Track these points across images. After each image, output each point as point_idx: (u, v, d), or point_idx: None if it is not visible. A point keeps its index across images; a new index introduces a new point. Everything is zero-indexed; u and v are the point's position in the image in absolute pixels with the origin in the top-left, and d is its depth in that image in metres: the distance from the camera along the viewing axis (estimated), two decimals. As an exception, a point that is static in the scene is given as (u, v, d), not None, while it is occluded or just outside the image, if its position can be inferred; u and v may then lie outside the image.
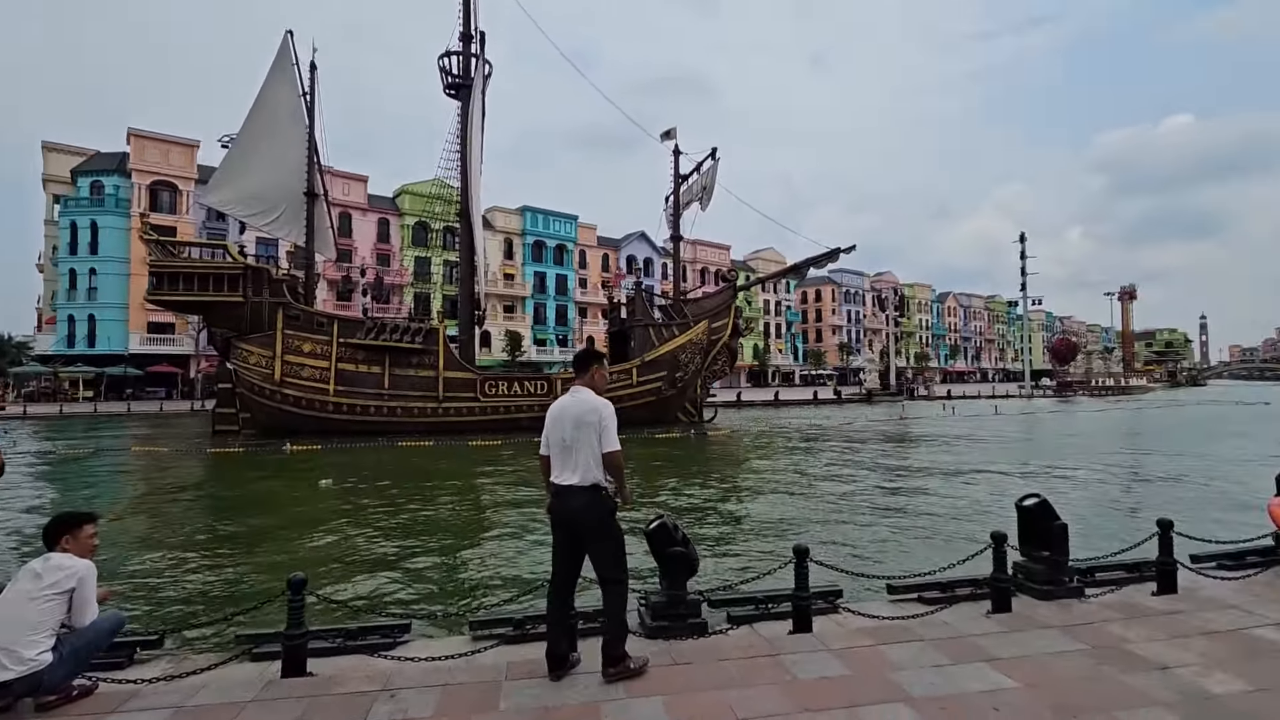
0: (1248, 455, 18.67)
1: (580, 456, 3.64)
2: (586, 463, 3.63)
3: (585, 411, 3.69)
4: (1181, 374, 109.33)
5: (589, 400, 3.76)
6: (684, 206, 30.99)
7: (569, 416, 3.71)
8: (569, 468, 3.67)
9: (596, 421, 3.66)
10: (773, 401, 47.37)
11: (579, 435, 3.65)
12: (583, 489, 3.63)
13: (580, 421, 3.67)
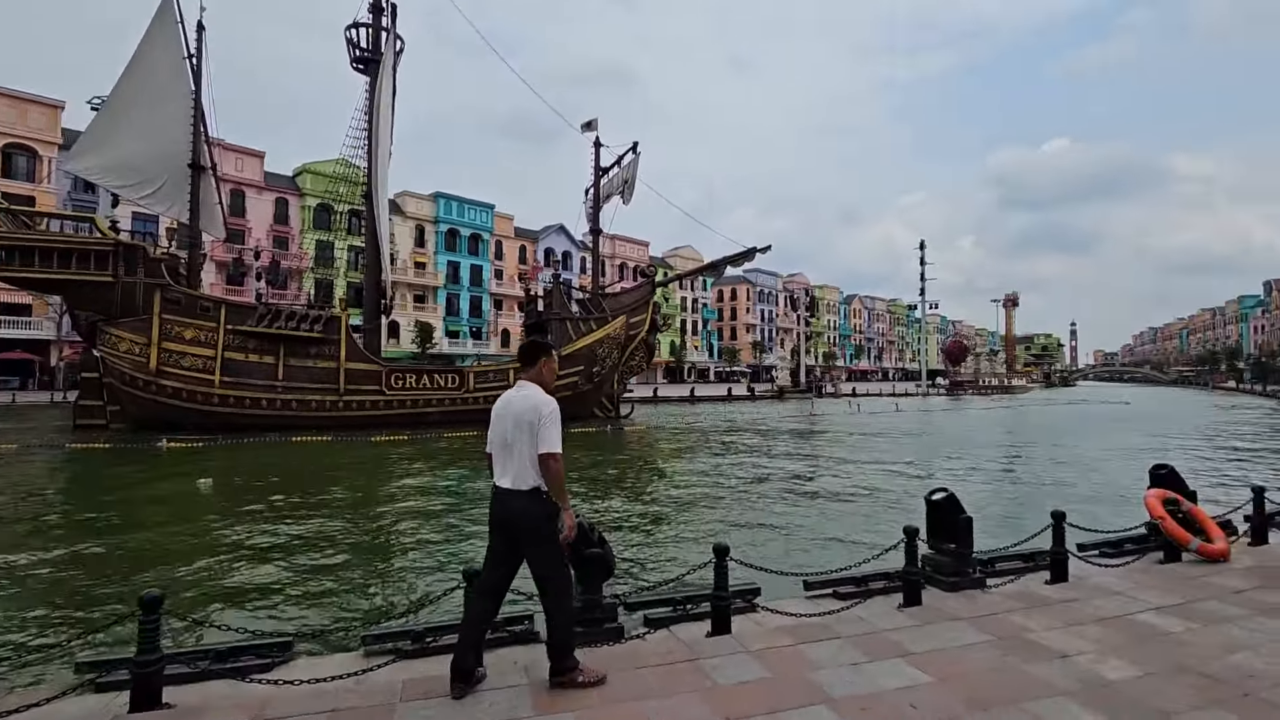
0: (1115, 450, 20.54)
1: (519, 458, 3.37)
2: (524, 465, 3.36)
3: (526, 410, 3.39)
4: (1055, 375, 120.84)
5: (531, 397, 3.45)
6: (604, 200, 30.72)
7: (510, 414, 3.43)
8: (508, 469, 3.41)
9: (535, 420, 3.34)
10: (688, 398, 48.01)
11: (518, 435, 3.37)
12: (520, 493, 3.37)
13: (519, 420, 3.38)
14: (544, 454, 3.32)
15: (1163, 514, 6.05)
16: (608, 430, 25.09)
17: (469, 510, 10.80)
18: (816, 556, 8.05)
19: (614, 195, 30.94)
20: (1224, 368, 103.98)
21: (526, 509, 3.37)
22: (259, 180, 50.79)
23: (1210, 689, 3.47)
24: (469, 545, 8.49)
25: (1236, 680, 3.57)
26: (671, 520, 10.28)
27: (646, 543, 8.77)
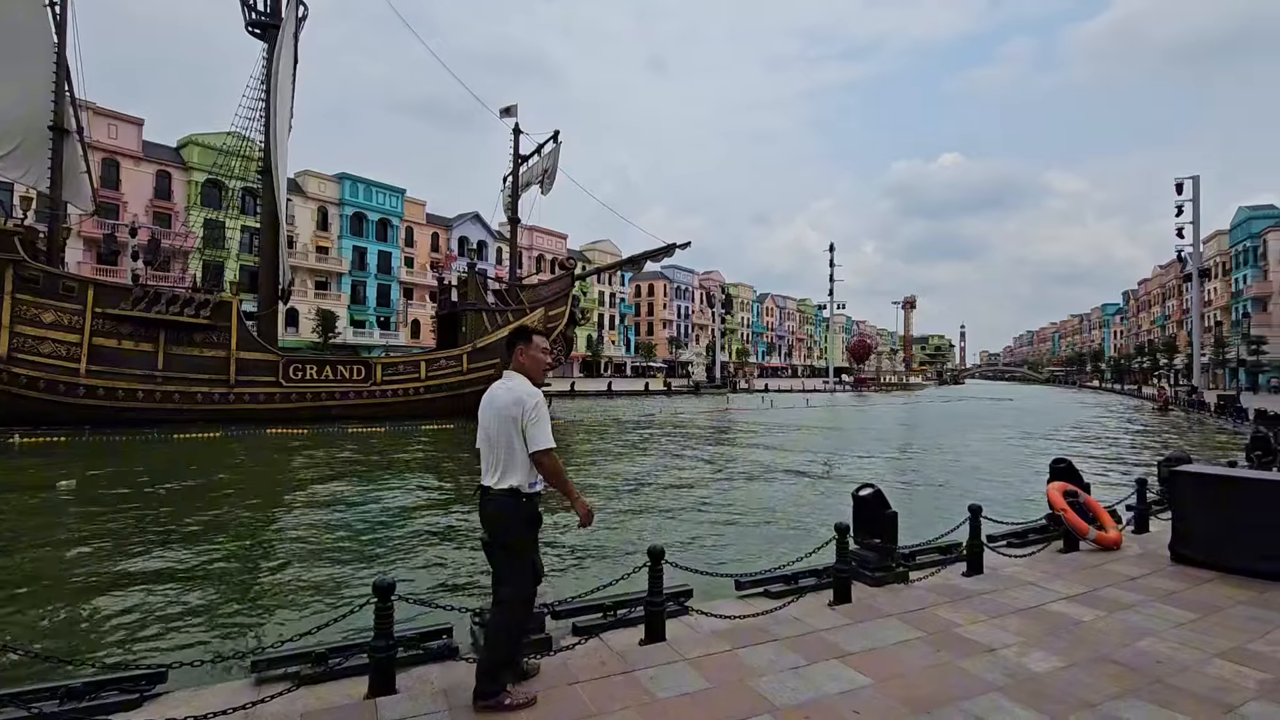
0: (1006, 443, 22.08)
1: (499, 455, 3.12)
2: (505, 462, 3.10)
3: (508, 404, 3.11)
4: (946, 374, 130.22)
5: (515, 390, 3.16)
6: (523, 189, 29.92)
7: (493, 408, 3.16)
8: (490, 467, 3.17)
9: (519, 415, 3.07)
10: (606, 392, 47.82)
11: (500, 431, 3.11)
12: (496, 492, 3.12)
13: (501, 415, 3.11)
14: (536, 452, 3.07)
15: (1064, 506, 6.39)
16: (525, 425, 24.51)
17: (375, 514, 10.12)
18: (741, 553, 8.04)
19: (533, 184, 30.19)
20: (1089, 368, 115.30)
21: (498, 510, 3.14)
22: (136, 150, 46.03)
23: (1125, 677, 3.60)
24: (375, 553, 7.90)
25: (1147, 668, 3.73)
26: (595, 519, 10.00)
27: (570, 545, 8.47)
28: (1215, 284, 70.17)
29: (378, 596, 3.41)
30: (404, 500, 11.11)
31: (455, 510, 10.31)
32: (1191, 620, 4.46)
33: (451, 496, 11.49)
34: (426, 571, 7.21)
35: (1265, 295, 60.72)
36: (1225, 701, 3.34)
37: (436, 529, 9.07)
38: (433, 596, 5.92)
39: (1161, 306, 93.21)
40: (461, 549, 8.08)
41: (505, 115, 29.31)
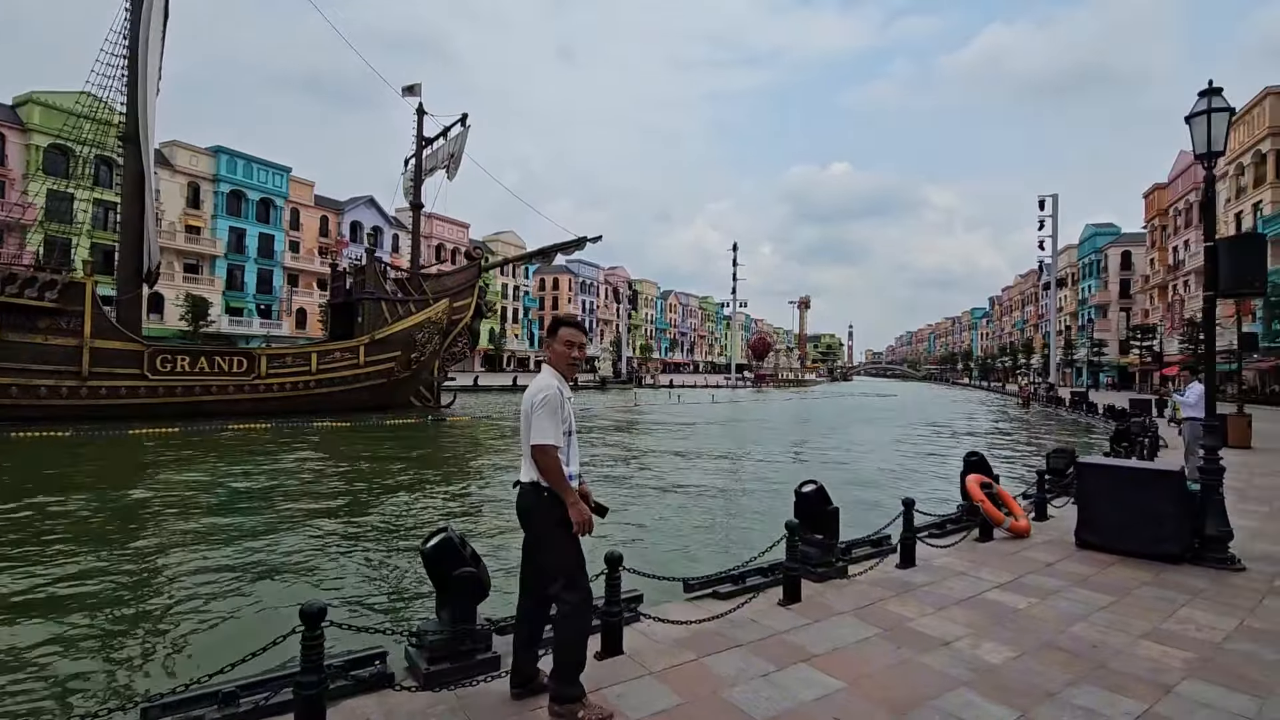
0: (896, 436, 23.45)
1: (524, 448, 3.04)
2: (526, 455, 3.02)
3: (528, 395, 3.04)
4: (837, 371, 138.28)
5: (537, 383, 3.07)
6: (427, 173, 28.45)
7: (525, 401, 3.06)
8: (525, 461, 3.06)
9: (530, 408, 3.00)
10: (512, 386, 46.65)
11: (523, 423, 3.05)
12: (524, 486, 3.07)
13: (523, 407, 3.06)
14: (532, 446, 2.94)
15: (982, 497, 6.71)
16: (428, 421, 23.31)
17: (263, 522, 9.13)
18: (668, 550, 7.90)
19: (438, 169, 28.75)
20: (960, 366, 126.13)
21: (523, 504, 3.09)
22: (-41, 105, 39.71)
23: (1072, 664, 3.72)
24: (271, 568, 7.08)
25: (1087, 653, 3.89)
26: (512, 521, 9.54)
27: (491, 552, 7.99)
28: (1065, 293, 78.42)
29: (305, 624, 2.92)
30: (298, 505, 10.12)
31: (355, 516, 9.51)
32: (1110, 603, 4.75)
33: (350, 501, 10.61)
34: (336, 587, 6.52)
35: (1105, 303, 68.64)
36: (1162, 682, 3.52)
37: (339, 537, 8.29)
38: (352, 617, 5.34)
39: (1021, 311, 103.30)
40: (371, 560, 7.41)
41: (408, 94, 27.71)
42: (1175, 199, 54.64)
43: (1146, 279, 61.88)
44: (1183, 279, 52.68)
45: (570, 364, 3.18)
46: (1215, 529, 5.66)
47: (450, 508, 10.18)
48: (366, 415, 23.16)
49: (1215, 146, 5.71)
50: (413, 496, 10.84)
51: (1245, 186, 43.38)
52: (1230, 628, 4.30)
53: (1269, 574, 5.49)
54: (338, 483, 11.90)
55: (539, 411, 2.93)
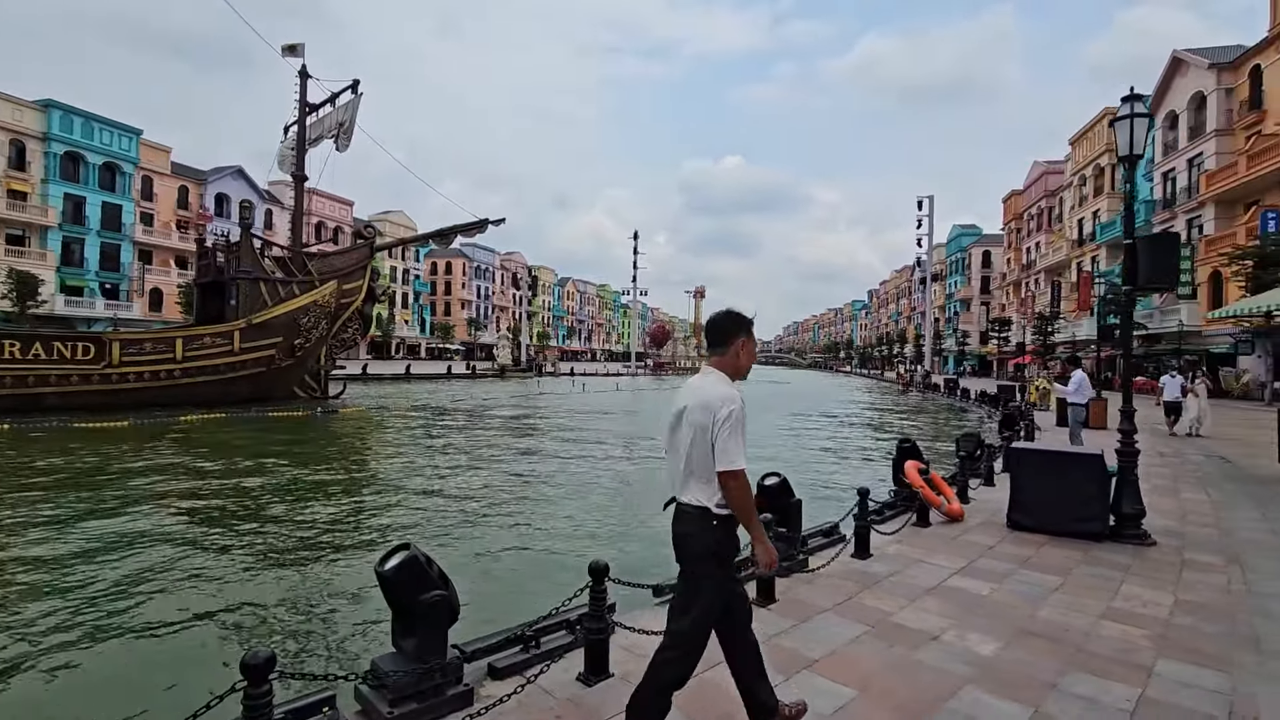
0: (799, 424, 24.34)
1: (690, 465, 2.52)
2: (696, 475, 2.51)
3: (698, 406, 2.51)
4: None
5: (712, 390, 2.53)
6: (311, 142, 26.04)
7: (684, 408, 2.58)
8: (679, 479, 2.58)
9: (709, 424, 2.45)
10: (404, 375, 44.19)
11: (687, 438, 2.52)
12: (687, 511, 2.54)
13: (691, 419, 2.52)
14: (721, 472, 2.43)
15: (921, 483, 6.88)
16: (316, 414, 21.43)
17: (142, 537, 7.88)
18: (611, 549, 7.56)
19: (324, 139, 26.38)
20: (842, 355, 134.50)
21: (691, 533, 2.53)
22: None
23: (1054, 651, 3.77)
24: (150, 597, 6.04)
25: (1061, 637, 3.97)
26: (437, 524, 8.83)
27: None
28: (935, 287, 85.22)
29: (248, 678, 2.33)
30: (178, 515, 8.83)
31: (248, 526, 8.43)
32: (1059, 584, 4.94)
33: (241, 509, 9.41)
34: (243, 620, 5.64)
35: (969, 298, 75.31)
36: (1139, 663, 3.63)
37: (238, 553, 7.27)
38: (282, 658, 4.59)
39: (896, 304, 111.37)
40: (284, 581, 6.52)
41: (289, 54, 25.14)
42: (1029, 205, 60.67)
43: (1004, 276, 68.48)
44: (1034, 277, 58.71)
45: (743, 372, 2.71)
46: (1130, 507, 6.09)
47: (369, 516, 9.26)
48: (244, 408, 20.95)
49: (1137, 149, 6.08)
50: (318, 502, 9.78)
51: (1086, 196, 48.84)
52: (1169, 603, 4.57)
53: (1175, 547, 5.97)
54: (223, 487, 10.54)
55: (725, 428, 2.41)
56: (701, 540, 2.51)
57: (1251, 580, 5.03)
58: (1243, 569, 5.32)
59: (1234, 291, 28.82)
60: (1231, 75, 33.23)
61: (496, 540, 7.87)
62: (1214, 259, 31.46)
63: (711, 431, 2.44)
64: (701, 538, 2.51)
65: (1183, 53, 35.84)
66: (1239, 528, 6.66)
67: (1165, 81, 37.54)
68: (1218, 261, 30.63)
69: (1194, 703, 3.19)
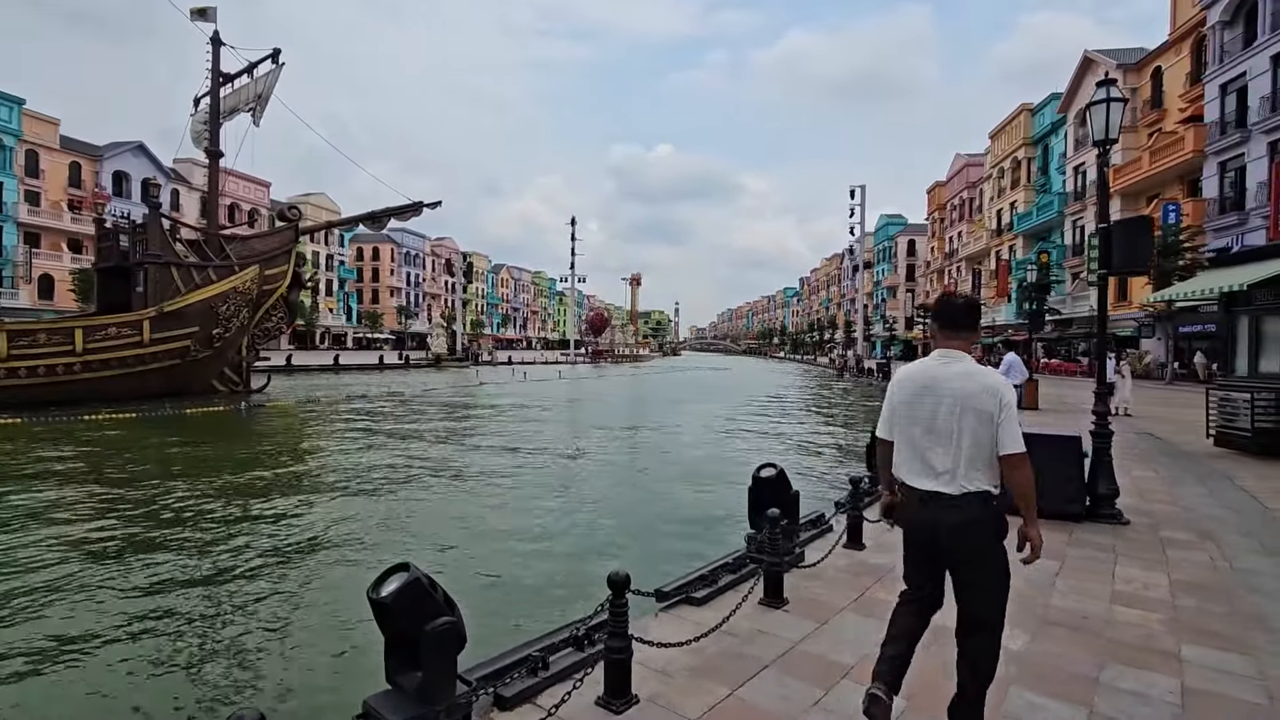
0: (750, 410, 24.51)
1: (961, 451, 2.44)
2: (970, 461, 2.43)
3: (978, 391, 2.45)
4: (667, 346, 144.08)
5: (981, 376, 2.49)
6: (226, 115, 24.06)
7: (948, 393, 2.48)
8: (937, 465, 2.49)
9: (995, 410, 2.41)
10: (333, 366, 41.99)
11: (964, 422, 2.44)
12: (959, 499, 2.44)
13: (968, 404, 2.44)
14: (1013, 455, 2.42)
15: (903, 468, 6.81)
16: (240, 409, 19.92)
17: (53, 559, 6.94)
18: (600, 545, 7.20)
19: (240, 111, 24.42)
20: (776, 342, 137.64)
21: (972, 520, 2.44)
22: None
23: (1080, 641, 3.68)
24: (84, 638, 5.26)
25: (1081, 624, 3.90)
26: (386, 532, 8.20)
27: (354, 577, 6.71)
28: (860, 276, 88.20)
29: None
30: (99, 531, 7.86)
31: (173, 539, 7.59)
32: (1057, 568, 4.92)
33: (164, 518, 8.49)
34: (196, 658, 4.96)
35: (895, 285, 78.27)
36: (1165, 649, 3.58)
37: (172, 570, 6.47)
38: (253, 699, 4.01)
39: (826, 291, 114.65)
40: (234, 604, 5.82)
41: (199, 18, 23.04)
42: (952, 196, 63.41)
43: (928, 264, 71.47)
44: (956, 264, 61.52)
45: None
46: (1106, 488, 6.20)
47: (315, 523, 8.51)
48: (158, 404, 19.24)
49: (1112, 134, 6.12)
50: (254, 510, 8.93)
51: (1005, 188, 51.40)
52: (1165, 584, 4.61)
53: (1147, 525, 6.12)
54: (138, 495, 9.49)
55: (1007, 413, 2.40)
56: (990, 524, 2.47)
57: (1231, 556, 5.17)
58: (1218, 545, 5.48)
59: (1138, 279, 30.99)
60: (1136, 76, 35.48)
61: (459, 543, 7.36)
62: (1121, 248, 33.70)
63: (997, 417, 2.40)
64: (990, 522, 2.47)
65: (1093, 53, 37.97)
66: (1197, 504, 6.94)
67: (1077, 80, 39.71)
68: (1124, 251, 32.82)
69: (1236, 690, 3.14)
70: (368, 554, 6.99)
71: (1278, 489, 7.63)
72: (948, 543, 2.50)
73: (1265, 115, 25.21)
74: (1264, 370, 10.04)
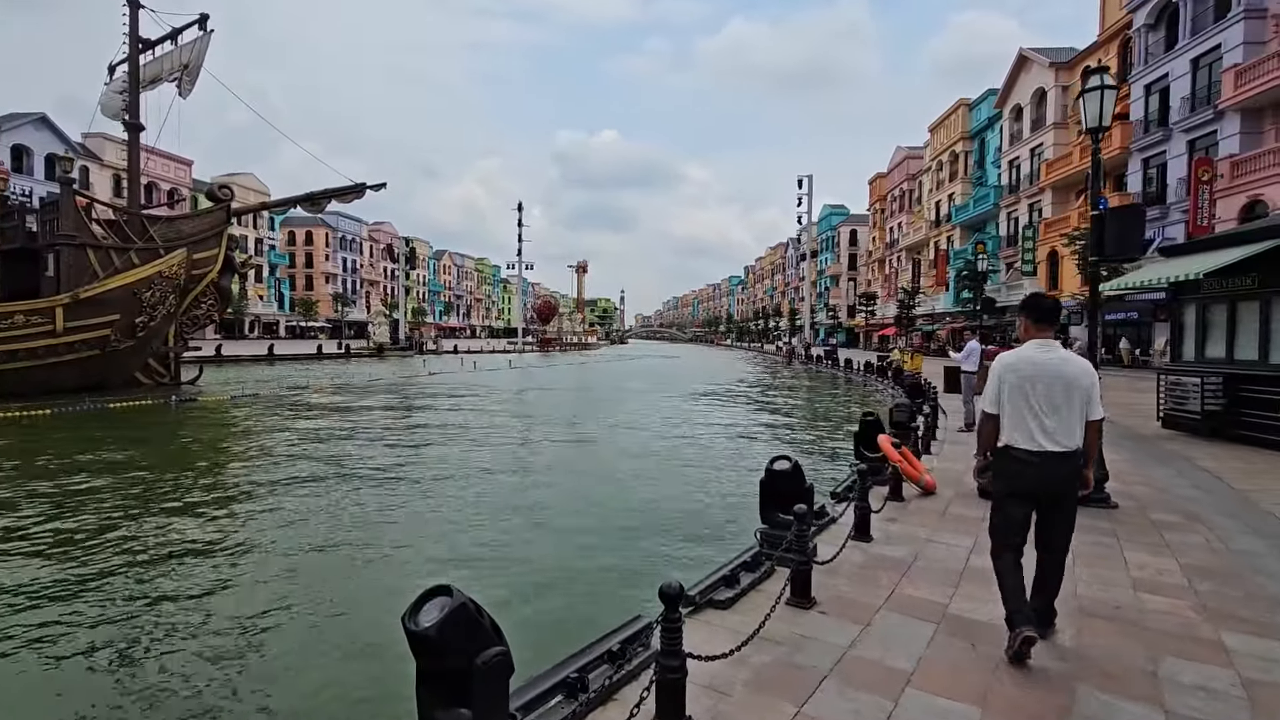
0: (713, 403, 24.48)
1: (1070, 420, 3.22)
2: (1075, 427, 3.24)
3: (1080, 374, 3.25)
4: (614, 335, 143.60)
5: (1079, 362, 3.31)
6: (147, 84, 22.19)
7: (1061, 377, 3.23)
8: (1050, 431, 3.21)
9: (1089, 386, 3.26)
10: (267, 356, 39.81)
11: (1070, 399, 3.22)
12: (1070, 454, 3.23)
13: (1073, 385, 3.22)
14: (1097, 421, 3.29)
15: (898, 457, 6.76)
16: (170, 404, 18.50)
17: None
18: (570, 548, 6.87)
19: (162, 81, 22.55)
20: (722, 329, 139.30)
21: (1076, 469, 3.29)
22: None
23: (1125, 632, 3.62)
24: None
25: (1115, 615, 3.85)
26: (349, 540, 7.65)
27: (317, 598, 6.20)
28: (807, 264, 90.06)
29: None
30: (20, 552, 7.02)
31: (95, 559, 6.85)
32: (1070, 556, 4.90)
33: (100, 532, 7.68)
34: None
35: (838, 274, 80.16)
36: (1206, 638, 3.55)
37: (80, 603, 5.79)
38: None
39: (771, 280, 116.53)
40: (191, 631, 5.22)
41: (113, -24, 21.06)
42: (893, 187, 65.19)
43: (870, 254, 73.45)
44: (897, 254, 63.41)
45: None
46: (1097, 472, 6.26)
47: (273, 534, 7.85)
48: (75, 399, 17.66)
49: (1105, 121, 6.14)
50: (196, 520, 8.19)
51: (943, 181, 53.14)
52: (1176, 568, 4.65)
53: (1135, 508, 6.25)
54: (53, 506, 8.57)
55: (1096, 390, 3.28)
56: (1078, 475, 3.32)
57: (1225, 538, 5.29)
58: (1208, 527, 5.61)
59: (1069, 269, 32.56)
60: (1068, 74, 37.07)
61: (423, 544, 6.91)
62: (1053, 240, 35.33)
63: (1090, 392, 3.25)
64: (1074, 475, 3.29)
65: (1028, 51, 39.48)
66: (1170, 486, 7.16)
67: (1012, 77, 41.25)
68: (1056, 242, 34.39)
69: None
70: (346, 560, 6.46)
71: (1237, 469, 7.99)
72: (1057, 488, 3.28)
73: (1185, 115, 26.74)
74: (1210, 356, 10.56)
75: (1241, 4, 24.31)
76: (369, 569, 6.31)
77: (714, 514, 8.25)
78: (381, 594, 5.68)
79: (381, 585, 5.93)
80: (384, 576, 6.14)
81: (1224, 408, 9.96)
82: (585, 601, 5.52)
